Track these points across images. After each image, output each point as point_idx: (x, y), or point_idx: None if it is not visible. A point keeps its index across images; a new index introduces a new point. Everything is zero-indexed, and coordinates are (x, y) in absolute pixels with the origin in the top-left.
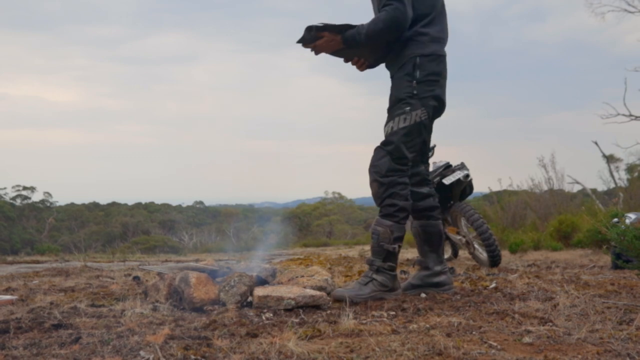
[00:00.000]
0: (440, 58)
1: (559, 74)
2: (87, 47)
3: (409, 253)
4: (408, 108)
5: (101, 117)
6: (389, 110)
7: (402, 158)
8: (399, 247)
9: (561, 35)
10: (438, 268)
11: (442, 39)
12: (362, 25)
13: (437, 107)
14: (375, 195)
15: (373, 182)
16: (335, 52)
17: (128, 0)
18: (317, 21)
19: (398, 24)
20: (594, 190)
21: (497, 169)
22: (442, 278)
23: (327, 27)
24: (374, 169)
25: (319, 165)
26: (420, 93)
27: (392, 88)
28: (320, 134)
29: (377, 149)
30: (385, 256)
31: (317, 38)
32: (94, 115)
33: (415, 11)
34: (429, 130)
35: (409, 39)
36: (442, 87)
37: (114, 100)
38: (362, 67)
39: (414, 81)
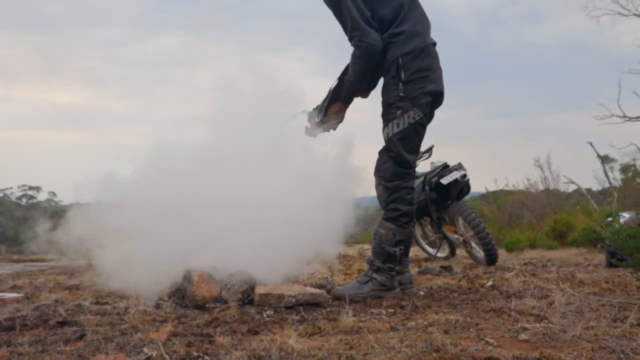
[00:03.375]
0: (426, 51)
1: (557, 74)
2: (91, 49)
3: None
4: (399, 112)
5: (105, 118)
6: (383, 116)
7: (404, 162)
8: (400, 250)
9: (559, 36)
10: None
11: (419, 32)
12: (347, 74)
13: (434, 101)
14: (380, 198)
15: (378, 185)
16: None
17: (130, 2)
18: (311, 107)
19: (373, 50)
20: (589, 190)
21: (495, 169)
22: (399, 277)
23: (327, 107)
24: (379, 173)
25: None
26: (409, 94)
27: (382, 93)
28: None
29: (381, 153)
30: (386, 258)
31: (323, 121)
32: (98, 116)
33: (385, 17)
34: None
35: (387, 43)
36: (435, 79)
37: (117, 102)
38: (365, 94)
39: (400, 83)
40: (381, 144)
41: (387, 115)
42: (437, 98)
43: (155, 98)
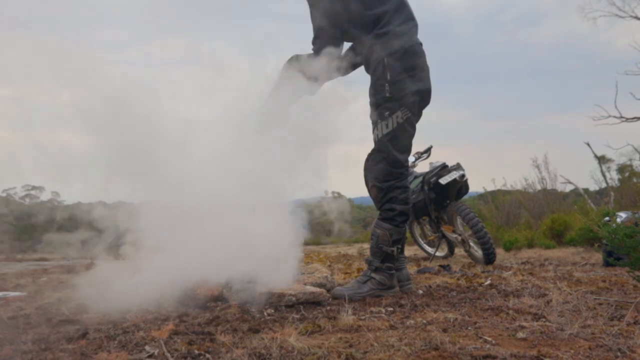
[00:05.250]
0: (411, 50)
1: (553, 76)
2: (92, 50)
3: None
4: (387, 113)
5: (107, 118)
6: (371, 117)
7: (396, 162)
8: (398, 249)
9: (556, 38)
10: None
11: (404, 32)
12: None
13: (421, 100)
14: (375, 199)
15: (372, 187)
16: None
17: (130, 4)
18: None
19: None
20: (586, 190)
21: (493, 169)
22: (397, 274)
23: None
24: (371, 174)
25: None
26: (396, 94)
27: (370, 94)
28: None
29: (372, 154)
30: (384, 257)
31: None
32: (100, 117)
33: (370, 17)
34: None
35: (372, 43)
36: (422, 78)
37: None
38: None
39: (387, 84)
40: (371, 145)
41: (376, 116)
42: (424, 97)
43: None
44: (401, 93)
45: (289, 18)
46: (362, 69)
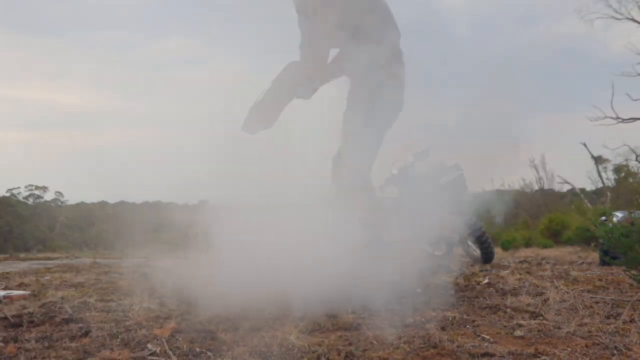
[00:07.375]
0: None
1: (550, 77)
2: (96, 51)
3: None
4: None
5: (110, 119)
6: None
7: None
8: None
9: (553, 39)
10: None
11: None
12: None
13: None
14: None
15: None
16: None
17: (134, 5)
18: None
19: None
20: (583, 190)
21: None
22: None
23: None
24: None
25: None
26: None
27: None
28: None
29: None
30: None
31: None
32: (102, 118)
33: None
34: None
35: None
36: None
37: (122, 103)
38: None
39: None
40: None
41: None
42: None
43: (158, 99)
44: None
45: (290, 18)
46: None
